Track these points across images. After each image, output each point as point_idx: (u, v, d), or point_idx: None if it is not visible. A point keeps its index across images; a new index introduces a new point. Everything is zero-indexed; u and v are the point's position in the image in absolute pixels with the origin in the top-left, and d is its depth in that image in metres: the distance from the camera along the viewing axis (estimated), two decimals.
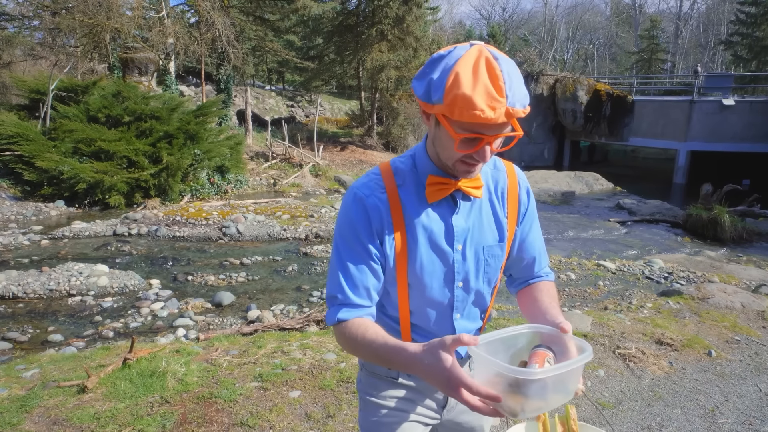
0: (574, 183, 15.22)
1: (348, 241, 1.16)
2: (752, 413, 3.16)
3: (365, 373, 1.33)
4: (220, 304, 5.62)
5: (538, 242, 1.32)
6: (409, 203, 1.18)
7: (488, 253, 1.22)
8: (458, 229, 1.18)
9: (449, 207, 1.19)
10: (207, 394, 3.01)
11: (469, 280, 1.22)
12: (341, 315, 1.14)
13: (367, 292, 1.16)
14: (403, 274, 1.19)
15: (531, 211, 1.29)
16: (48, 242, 7.87)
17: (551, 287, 1.30)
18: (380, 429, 1.28)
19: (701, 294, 5.39)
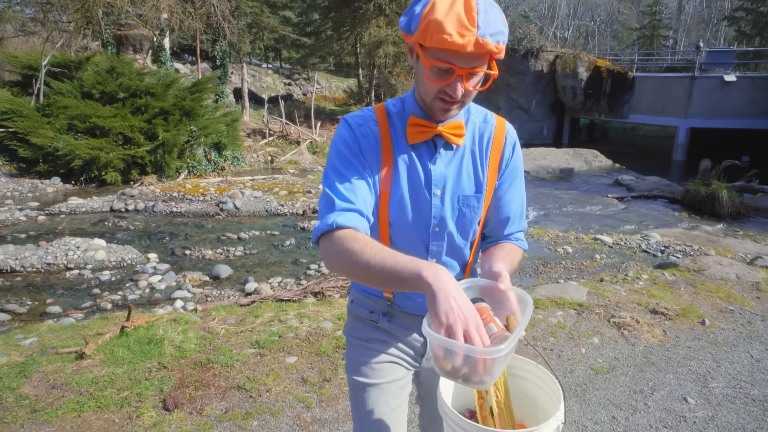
0: (572, 160, 15.17)
1: (343, 156, 1.15)
2: (743, 378, 3.20)
3: (350, 317, 1.38)
4: (218, 277, 5.64)
5: (516, 204, 1.29)
6: (396, 142, 1.19)
7: (464, 203, 1.21)
8: (436, 174, 1.18)
9: (429, 153, 1.19)
10: (204, 360, 3.04)
11: (445, 226, 1.22)
12: (340, 219, 1.06)
13: (364, 202, 1.12)
14: (385, 210, 1.20)
15: (514, 168, 1.27)
16: (45, 218, 7.85)
17: (514, 249, 1.27)
18: (363, 368, 1.31)
19: (697, 266, 5.42)
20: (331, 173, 1.15)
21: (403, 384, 1.34)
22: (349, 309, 1.39)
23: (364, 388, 1.30)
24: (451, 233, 1.24)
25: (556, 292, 4.45)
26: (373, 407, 1.29)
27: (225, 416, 2.53)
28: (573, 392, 2.95)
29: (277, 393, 2.74)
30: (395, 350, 1.33)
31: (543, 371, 1.16)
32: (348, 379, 1.35)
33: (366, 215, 1.11)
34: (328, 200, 1.11)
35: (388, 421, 1.29)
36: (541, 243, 6.95)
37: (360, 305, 1.35)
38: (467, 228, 1.25)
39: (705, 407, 2.86)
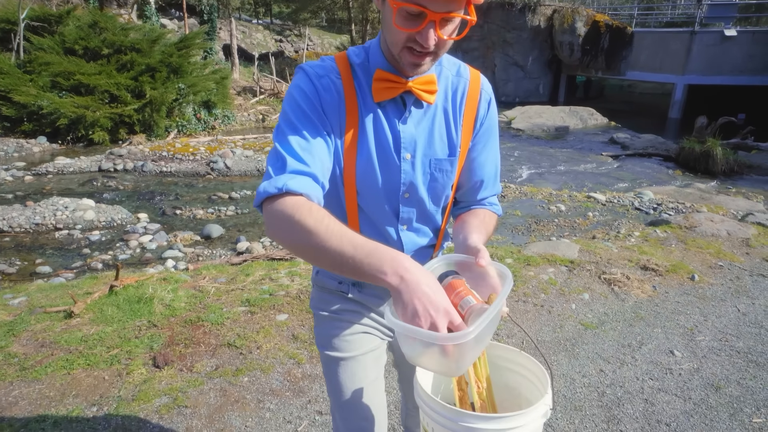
0: (568, 118, 14.99)
1: (300, 110, 1.00)
2: (729, 331, 3.24)
3: (316, 289, 1.29)
4: (210, 237, 5.60)
5: (490, 166, 1.19)
6: (362, 99, 1.05)
7: (436, 167, 1.11)
8: (406, 136, 1.07)
9: (398, 111, 1.07)
10: (194, 318, 3.03)
11: (415, 192, 1.12)
12: (291, 183, 0.90)
13: (321, 166, 0.97)
14: (351, 176, 1.08)
15: (489, 127, 1.16)
16: (32, 178, 7.72)
17: (488, 216, 1.19)
18: (335, 341, 1.23)
19: (688, 223, 5.43)
20: (285, 127, 0.99)
21: (378, 354, 1.28)
22: (315, 281, 1.28)
23: (338, 363, 1.22)
24: (422, 199, 1.14)
25: (548, 250, 4.46)
26: (349, 381, 1.22)
27: (215, 373, 2.54)
28: (562, 347, 2.98)
29: (268, 350, 2.74)
30: (368, 320, 1.25)
31: (527, 358, 1.08)
32: (320, 354, 1.27)
33: (321, 182, 0.97)
34: (279, 158, 0.95)
35: (367, 394, 1.23)
36: (534, 201, 6.93)
37: (327, 276, 1.25)
38: (439, 193, 1.16)
39: (691, 360, 2.91)
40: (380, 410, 1.27)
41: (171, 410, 2.26)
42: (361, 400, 1.23)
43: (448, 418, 0.90)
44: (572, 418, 2.37)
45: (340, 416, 1.25)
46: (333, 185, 1.09)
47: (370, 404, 1.24)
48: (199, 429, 2.17)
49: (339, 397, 1.23)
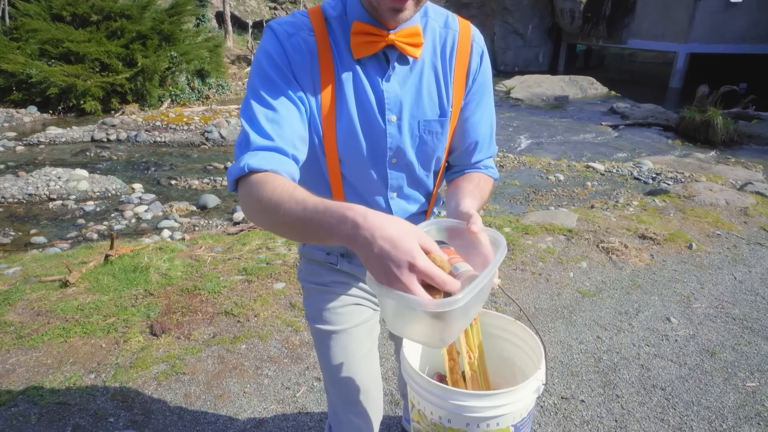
0: (568, 87, 14.79)
1: (267, 77, 0.91)
2: (725, 299, 3.25)
3: (304, 261, 1.23)
4: (205, 207, 5.56)
5: (485, 126, 1.11)
6: (339, 56, 0.96)
7: (425, 129, 1.03)
8: (390, 96, 0.98)
9: (381, 69, 0.98)
10: (191, 287, 3.02)
11: (403, 156, 1.04)
12: (253, 161, 0.84)
13: (291, 136, 0.90)
14: (332, 144, 1.00)
15: (482, 84, 1.07)
16: (23, 148, 7.61)
17: (484, 180, 1.11)
18: (325, 314, 1.18)
19: (687, 192, 5.40)
20: (251, 98, 0.91)
21: (371, 326, 1.23)
22: (302, 252, 1.22)
23: (329, 336, 1.18)
24: (411, 164, 1.06)
25: (547, 219, 4.43)
26: (342, 355, 1.18)
27: (213, 340, 2.54)
28: (560, 314, 2.99)
29: (265, 318, 2.74)
30: (358, 291, 1.20)
31: (522, 328, 1.03)
32: (311, 328, 1.23)
33: (291, 154, 0.89)
34: (244, 137, 0.89)
35: (361, 367, 1.20)
36: (532, 171, 6.88)
37: (314, 248, 1.19)
38: (429, 157, 1.08)
39: (687, 326, 2.92)
40: (375, 382, 1.24)
41: (169, 377, 2.27)
42: (356, 373, 1.19)
43: (436, 395, 0.86)
44: (569, 383, 2.39)
45: (335, 390, 1.22)
46: (313, 155, 1.01)
47: (365, 377, 1.20)
48: (197, 395, 2.18)
49: (332, 372, 1.19)
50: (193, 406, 2.11)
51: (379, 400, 1.26)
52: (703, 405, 2.28)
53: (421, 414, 0.91)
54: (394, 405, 2.17)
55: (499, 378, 1.06)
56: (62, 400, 2.11)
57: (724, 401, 2.31)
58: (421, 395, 0.89)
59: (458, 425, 0.86)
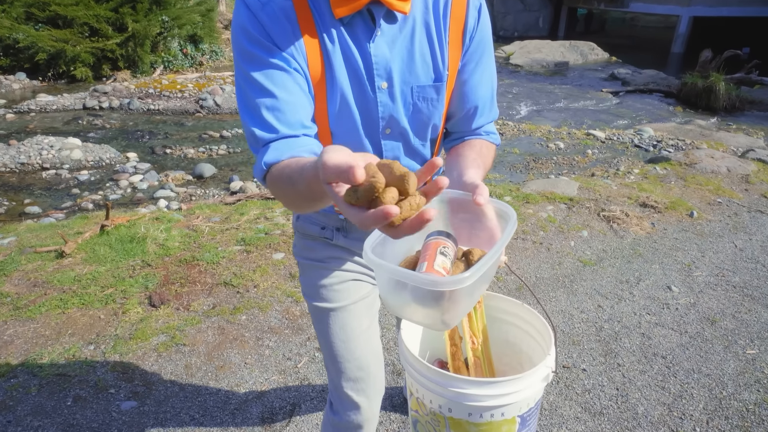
0: (568, 53, 14.50)
1: (251, 57, 0.84)
2: (725, 266, 3.25)
3: (299, 236, 1.18)
4: (202, 176, 5.48)
5: (485, 88, 1.01)
6: (319, 18, 0.87)
7: (419, 96, 0.95)
8: (379, 59, 0.89)
9: (366, 29, 0.88)
10: (189, 258, 2.98)
11: (397, 125, 0.97)
12: (268, 157, 0.81)
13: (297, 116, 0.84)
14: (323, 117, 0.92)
15: (481, 41, 0.97)
16: (13, 116, 7.44)
17: (486, 147, 1.03)
18: (323, 291, 1.13)
19: (688, 160, 5.35)
20: (245, 88, 0.85)
21: (370, 301, 1.19)
22: (296, 227, 1.17)
23: (328, 314, 1.14)
24: (405, 133, 0.99)
25: (547, 187, 4.39)
26: (342, 332, 1.13)
27: (212, 311, 2.52)
28: (561, 283, 2.98)
29: (265, 288, 2.72)
30: (355, 266, 1.15)
31: (530, 312, 0.96)
32: (308, 306, 1.18)
33: (302, 134, 0.85)
34: (251, 135, 0.85)
35: (360, 344, 1.16)
36: (532, 139, 6.79)
37: (308, 222, 1.14)
38: (425, 125, 1.00)
39: (687, 294, 2.92)
40: (376, 358, 1.21)
41: (169, 348, 2.25)
42: (355, 350, 1.15)
43: (436, 382, 0.80)
44: (570, 352, 2.39)
45: (334, 368, 1.18)
46: None
47: (365, 354, 1.17)
48: (198, 366, 2.17)
49: (332, 349, 1.16)
50: (194, 378, 2.10)
51: (380, 376, 1.23)
52: (704, 372, 2.29)
53: (420, 402, 0.86)
54: (396, 375, 2.17)
55: (505, 365, 1.01)
56: (62, 372, 2.09)
57: (724, 368, 2.32)
58: (420, 382, 0.83)
59: (459, 415, 0.80)
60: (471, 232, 0.79)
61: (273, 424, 1.91)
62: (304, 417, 1.94)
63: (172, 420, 1.90)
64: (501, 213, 0.78)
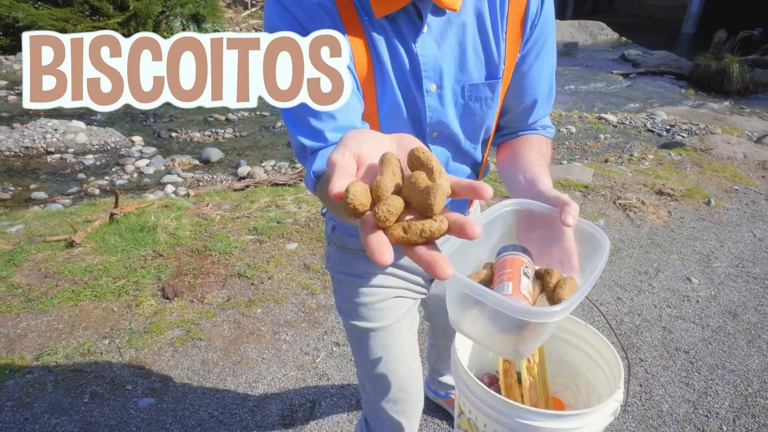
0: (577, 33, 14.23)
1: None
2: (745, 257, 3.19)
3: (334, 248, 1.07)
4: (209, 161, 5.41)
5: (545, 80, 0.92)
6: (364, 14, 0.79)
7: (471, 96, 0.86)
8: (427, 59, 0.81)
9: (412, 26, 0.79)
10: (201, 247, 2.93)
11: (446, 129, 0.89)
12: (317, 165, 0.76)
13: (346, 119, 0.77)
14: (373, 115, 0.85)
15: (543, 29, 0.87)
16: (15, 98, 7.34)
17: (545, 144, 0.95)
18: (362, 310, 1.05)
19: (704, 145, 5.25)
20: None
21: (412, 318, 1.12)
22: (331, 239, 1.06)
23: (368, 334, 1.05)
24: (455, 136, 0.90)
25: (562, 174, 4.31)
26: (383, 353, 1.06)
27: (227, 304, 2.48)
28: None
29: (280, 280, 2.67)
30: (399, 281, 1.06)
31: (596, 336, 0.89)
32: (344, 323, 1.09)
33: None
34: (297, 144, 0.80)
35: (402, 365, 1.08)
36: None
37: (346, 233, 1.03)
38: (478, 127, 0.91)
39: (708, 286, 2.87)
40: (416, 379, 1.14)
41: (185, 342, 2.22)
42: (397, 372, 1.08)
43: (496, 409, 0.74)
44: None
45: (373, 388, 1.12)
46: None
47: (407, 374, 1.10)
48: (215, 361, 2.13)
49: (370, 370, 1.08)
50: (211, 373, 2.07)
51: (420, 395, 1.17)
52: (728, 368, 2.25)
53: (472, 424, 0.81)
54: None
55: (558, 384, 0.95)
56: (77, 367, 2.06)
57: (748, 364, 2.28)
58: (475, 405, 0.78)
59: None
60: (542, 249, 0.72)
61: (293, 422, 1.88)
62: (324, 415, 1.91)
63: (191, 417, 1.87)
64: (586, 235, 0.70)
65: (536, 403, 0.85)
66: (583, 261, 0.70)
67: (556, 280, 0.68)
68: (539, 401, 0.85)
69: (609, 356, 0.88)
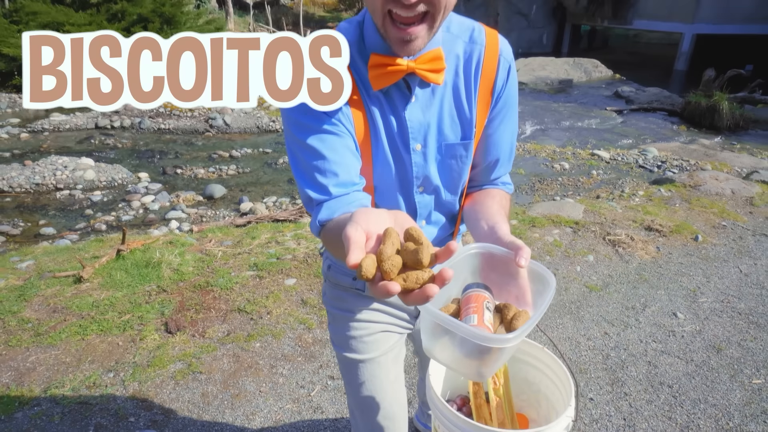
0: (572, 70, 14.64)
1: (301, 126, 0.91)
2: (731, 293, 3.28)
3: (329, 284, 1.21)
4: (212, 197, 5.58)
5: (507, 142, 1.07)
6: (363, 85, 0.93)
7: (449, 154, 1.01)
8: (414, 124, 0.96)
9: (402, 96, 0.95)
10: (203, 283, 3.05)
11: (430, 184, 1.04)
12: (322, 215, 0.89)
13: (348, 177, 0.91)
14: (369, 173, 0.99)
15: (508, 99, 1.02)
16: (28, 135, 7.60)
17: (505, 197, 1.09)
18: (352, 343, 1.17)
19: (693, 182, 5.40)
20: (296, 152, 0.93)
21: (398, 351, 1.24)
22: (327, 276, 1.20)
23: (357, 365, 1.17)
24: (437, 189, 1.06)
25: (553, 210, 4.45)
26: (370, 383, 1.18)
27: (227, 338, 2.58)
28: (567, 309, 3.02)
29: (278, 315, 2.78)
30: (386, 317, 1.18)
31: (551, 357, 1.03)
32: (337, 355, 1.22)
33: (351, 190, 0.92)
34: (305, 196, 0.93)
35: (388, 395, 1.20)
36: (537, 159, 6.86)
37: (339, 272, 1.16)
38: (456, 181, 1.06)
39: (693, 321, 2.96)
40: (401, 407, 1.26)
41: (186, 376, 2.31)
42: (383, 400, 1.20)
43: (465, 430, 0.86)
44: (577, 380, 2.43)
45: (361, 415, 1.24)
46: None
47: (392, 403, 1.22)
48: (214, 394, 2.22)
49: (359, 398, 1.20)
50: (210, 406, 2.16)
51: (404, 424, 1.28)
52: (710, 402, 2.32)
53: None
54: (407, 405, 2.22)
55: (523, 401, 1.07)
56: (83, 400, 2.16)
57: (730, 399, 2.35)
58: (447, 427, 0.89)
59: None
60: (501, 286, 0.84)
61: None
62: None
63: None
64: (540, 277, 0.83)
65: (503, 420, 0.96)
66: (535, 296, 0.83)
67: (512, 313, 0.81)
68: (506, 419, 0.96)
69: (561, 374, 1.01)
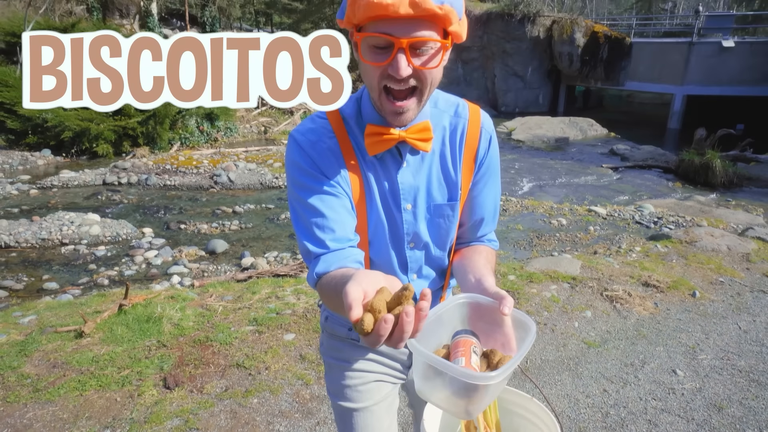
0: (568, 129, 15.08)
1: (304, 187, 1.01)
2: (730, 349, 3.28)
3: (326, 335, 1.27)
4: (214, 252, 5.65)
5: (490, 204, 1.18)
6: (360, 153, 1.05)
7: (437, 214, 1.11)
8: (405, 186, 1.07)
9: (394, 161, 1.06)
10: (203, 338, 3.07)
11: (420, 240, 1.13)
12: (319, 268, 0.97)
13: (344, 232, 1.00)
14: (363, 230, 1.08)
15: (490, 165, 1.15)
16: (37, 192, 7.78)
17: (490, 253, 1.18)
18: (347, 392, 1.23)
19: (689, 238, 5.48)
20: (298, 210, 1.02)
21: (391, 401, 1.30)
22: (324, 327, 1.27)
23: (351, 414, 1.23)
24: (427, 245, 1.15)
25: (550, 266, 4.50)
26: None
27: (225, 394, 2.58)
28: (566, 366, 3.02)
29: (276, 370, 2.79)
30: (380, 367, 1.25)
31: (539, 406, 1.09)
32: (332, 403, 1.28)
33: (348, 246, 1.01)
34: (304, 249, 1.01)
35: None
36: (535, 215, 6.98)
37: (336, 323, 1.23)
38: (444, 238, 1.16)
39: (693, 379, 2.94)
40: None
41: None
42: None
43: None
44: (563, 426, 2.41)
45: None
46: None
47: None
48: None
49: None
50: None
51: None
52: None
53: None
54: None
55: None
56: None
57: None
58: None
59: None
60: (488, 333, 0.91)
61: None
62: None
63: None
64: (522, 324, 0.90)
65: None
66: (519, 343, 0.90)
67: (498, 358, 0.88)
68: None
69: (549, 422, 1.06)
